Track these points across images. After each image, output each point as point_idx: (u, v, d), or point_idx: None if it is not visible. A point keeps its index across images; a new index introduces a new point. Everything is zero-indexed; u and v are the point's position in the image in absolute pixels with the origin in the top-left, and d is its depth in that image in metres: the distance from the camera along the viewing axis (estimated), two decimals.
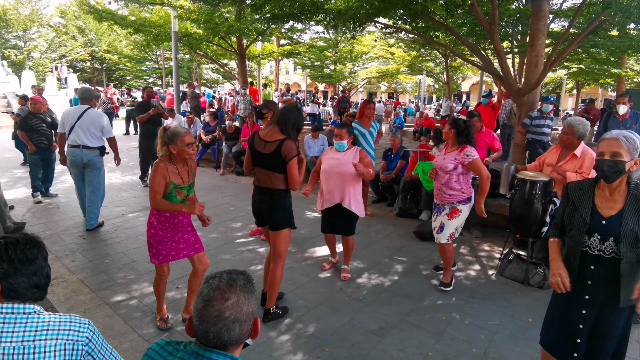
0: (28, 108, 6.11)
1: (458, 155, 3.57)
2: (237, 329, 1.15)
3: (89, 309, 3.33)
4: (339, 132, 3.83)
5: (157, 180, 2.80)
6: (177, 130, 2.82)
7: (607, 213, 1.97)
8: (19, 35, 28.46)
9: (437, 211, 3.79)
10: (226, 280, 1.20)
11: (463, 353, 2.90)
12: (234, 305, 1.15)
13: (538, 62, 6.65)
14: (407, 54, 21.03)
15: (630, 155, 1.90)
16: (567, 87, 29.32)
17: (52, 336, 1.35)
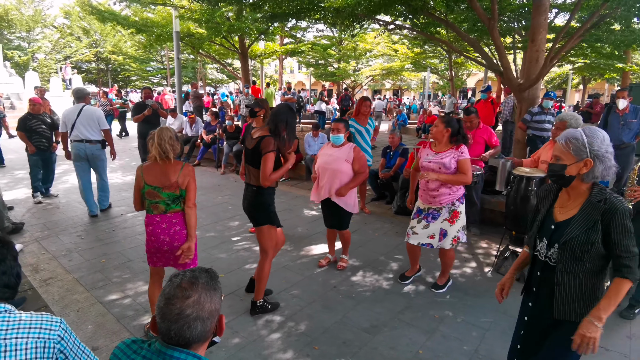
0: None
1: (455, 153, 3.42)
2: (199, 326, 1.14)
3: (82, 307, 3.35)
4: (336, 126, 3.92)
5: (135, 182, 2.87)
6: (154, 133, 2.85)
7: (559, 218, 1.84)
8: (23, 36, 28.67)
9: (428, 217, 3.55)
10: (188, 278, 1.19)
11: (453, 350, 2.88)
12: (195, 303, 1.15)
13: (539, 57, 6.58)
14: (410, 51, 20.93)
15: (574, 157, 1.72)
16: (574, 83, 29.02)
17: (23, 334, 1.35)
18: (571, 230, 1.74)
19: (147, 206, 2.82)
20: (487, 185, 5.35)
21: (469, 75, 30.20)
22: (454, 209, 3.50)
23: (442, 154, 3.45)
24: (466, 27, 9.85)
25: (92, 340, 2.94)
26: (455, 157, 3.40)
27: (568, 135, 1.75)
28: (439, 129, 3.44)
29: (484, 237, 5.07)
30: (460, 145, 3.43)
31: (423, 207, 3.59)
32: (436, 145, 3.53)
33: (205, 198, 6.68)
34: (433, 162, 3.45)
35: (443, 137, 3.44)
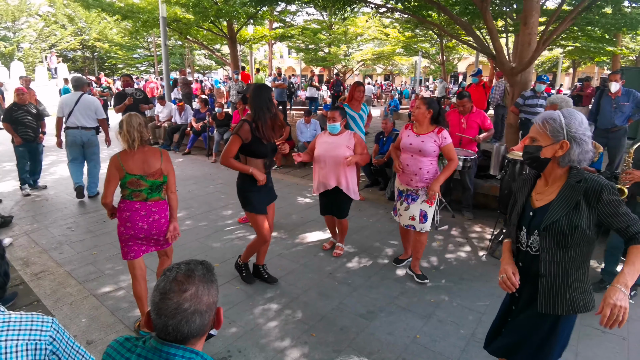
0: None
1: (436, 137, 3.39)
2: (197, 320, 1.11)
3: (75, 301, 3.31)
4: (332, 115, 3.84)
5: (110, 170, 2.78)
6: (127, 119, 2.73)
7: (537, 204, 1.76)
8: (8, 26, 27.89)
9: (407, 199, 3.54)
10: (184, 272, 1.15)
11: (450, 334, 2.89)
12: (192, 297, 1.11)
13: (531, 41, 6.53)
14: (402, 35, 20.73)
15: (551, 138, 1.65)
16: (564, 67, 29.10)
17: (13, 337, 1.29)
18: (551, 215, 1.67)
19: (128, 194, 2.74)
20: (480, 170, 5.35)
21: (460, 60, 30.06)
22: None
23: (422, 137, 3.42)
24: (458, 10, 9.74)
25: (86, 334, 2.90)
26: (437, 141, 3.38)
27: (545, 116, 1.69)
28: (421, 111, 3.41)
29: (478, 221, 5.09)
30: (441, 129, 3.40)
31: (402, 189, 3.61)
32: (417, 127, 3.50)
33: (197, 187, 6.61)
34: (414, 144, 3.43)
35: (425, 119, 3.42)
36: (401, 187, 3.62)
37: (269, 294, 3.41)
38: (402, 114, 15.98)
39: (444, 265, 3.94)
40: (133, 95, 7.02)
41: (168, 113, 10.22)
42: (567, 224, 1.63)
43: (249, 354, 2.70)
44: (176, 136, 9.73)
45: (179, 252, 4.17)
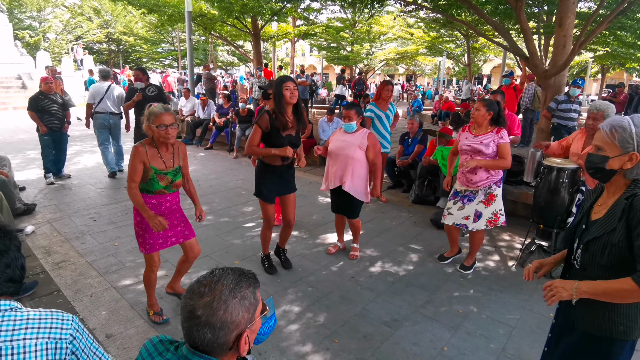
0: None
1: (495, 136, 3.42)
2: (208, 334, 1.00)
3: (95, 292, 3.28)
4: (347, 114, 3.75)
5: (133, 164, 2.57)
6: (153, 109, 2.56)
7: (593, 217, 1.64)
8: (34, 15, 28.54)
9: (463, 199, 3.60)
10: (212, 276, 1.07)
11: (480, 348, 2.75)
12: (206, 306, 1.01)
13: (566, 43, 6.29)
14: (426, 35, 20.42)
15: (619, 148, 1.48)
16: (592, 72, 28.23)
17: (32, 335, 1.23)
18: (594, 231, 1.56)
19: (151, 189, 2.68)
20: (510, 175, 5.15)
21: (486, 62, 29.47)
22: (490, 191, 3.52)
23: (481, 137, 3.45)
24: (489, 9, 9.49)
25: (106, 327, 2.86)
26: (495, 140, 3.39)
27: (613, 123, 1.51)
28: (480, 113, 3.42)
29: (507, 229, 4.89)
30: (500, 129, 3.42)
31: (460, 189, 3.63)
32: (475, 129, 3.52)
33: (218, 182, 6.58)
34: (472, 146, 3.47)
35: (484, 121, 3.44)
36: (459, 188, 3.65)
37: (290, 296, 3.32)
38: (425, 114, 15.73)
39: (473, 274, 3.77)
40: (144, 91, 6.23)
41: (191, 107, 10.25)
42: (605, 241, 1.51)
43: (269, 357, 2.62)
44: (199, 131, 9.75)
45: (201, 247, 4.11)
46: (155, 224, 2.58)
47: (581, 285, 1.49)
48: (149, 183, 2.65)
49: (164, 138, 2.56)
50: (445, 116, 11.89)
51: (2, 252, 1.28)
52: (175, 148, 2.75)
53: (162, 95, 6.52)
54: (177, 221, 2.89)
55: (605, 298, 1.47)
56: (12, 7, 26.63)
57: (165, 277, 3.55)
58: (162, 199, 2.76)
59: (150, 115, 2.54)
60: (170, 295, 3.22)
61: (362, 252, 4.14)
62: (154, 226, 2.58)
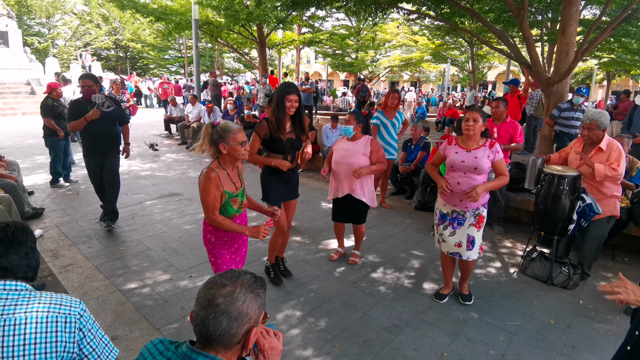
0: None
1: (490, 152, 3.10)
2: (224, 322, 1.09)
3: (101, 295, 3.34)
4: (348, 118, 3.87)
5: (212, 193, 2.38)
6: (228, 126, 2.39)
7: None
8: (42, 22, 28.98)
9: (453, 223, 3.23)
10: (233, 272, 1.19)
11: (479, 354, 2.77)
12: (227, 295, 1.12)
13: (569, 50, 6.32)
14: (431, 42, 20.50)
15: None
16: (597, 78, 28.15)
17: (44, 309, 1.39)
18: None
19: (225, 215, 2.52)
20: (512, 183, 5.17)
21: (490, 69, 29.49)
22: (478, 212, 3.18)
23: (474, 152, 3.10)
24: (492, 17, 9.55)
25: (111, 329, 2.92)
26: (490, 156, 3.10)
27: None
28: (478, 125, 3.07)
29: (508, 235, 4.92)
30: (493, 143, 3.14)
31: (446, 212, 3.26)
32: (465, 142, 3.18)
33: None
34: (467, 162, 3.10)
35: (479, 132, 3.13)
36: (445, 210, 3.27)
37: (292, 301, 3.36)
38: (430, 121, 15.76)
39: (473, 280, 3.79)
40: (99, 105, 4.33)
41: (197, 113, 10.37)
42: None
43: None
44: None
45: (205, 252, 4.16)
46: (256, 232, 2.44)
47: None
48: (223, 209, 2.48)
49: (242, 155, 2.43)
50: (450, 122, 11.92)
51: (21, 242, 1.48)
52: (240, 167, 2.63)
53: (120, 111, 4.72)
54: (244, 243, 2.79)
55: None
56: (22, 13, 27.10)
57: (170, 281, 3.61)
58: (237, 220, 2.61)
59: (225, 132, 2.37)
60: None
61: (364, 258, 4.18)
62: (261, 234, 2.43)
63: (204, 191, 2.40)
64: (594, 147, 3.57)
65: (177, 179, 7.10)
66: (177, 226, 4.88)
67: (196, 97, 10.96)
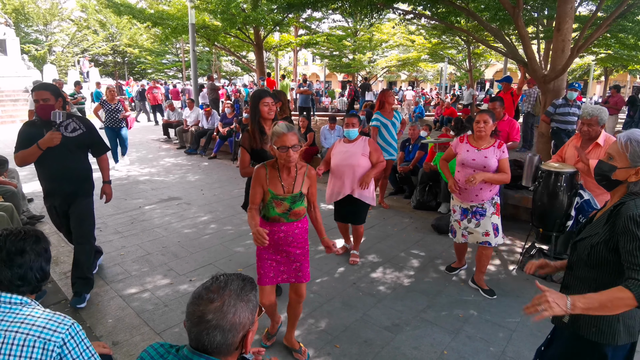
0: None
1: (497, 151, 3.33)
2: (218, 336, 1.08)
3: (102, 301, 3.35)
4: (349, 121, 3.89)
5: (254, 186, 2.39)
6: (276, 128, 2.30)
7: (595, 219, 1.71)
8: (40, 29, 29.00)
9: (475, 215, 3.43)
10: (219, 282, 1.14)
11: (480, 352, 2.78)
12: (217, 310, 1.08)
13: (565, 47, 6.34)
14: (428, 42, 20.54)
15: (629, 161, 1.53)
16: (595, 74, 28.17)
17: (25, 330, 1.33)
18: (583, 232, 1.65)
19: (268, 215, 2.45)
20: (511, 180, 5.18)
21: (488, 67, 29.53)
22: (495, 201, 3.45)
23: (485, 152, 3.34)
24: (487, 16, 9.56)
25: (112, 335, 2.93)
26: (497, 155, 3.33)
27: (631, 136, 1.55)
28: (489, 125, 3.30)
29: (507, 233, 4.91)
30: (501, 143, 3.37)
31: (466, 207, 3.47)
32: (476, 141, 3.39)
33: (222, 191, 6.66)
34: (477, 160, 3.33)
35: (490, 132, 3.37)
36: (464, 205, 3.47)
37: None
38: (427, 120, 15.79)
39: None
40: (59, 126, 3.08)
41: (195, 117, 10.39)
42: (589, 243, 1.59)
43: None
44: (203, 140, 9.87)
45: (205, 256, 4.20)
46: (254, 234, 2.28)
47: (576, 301, 1.44)
48: (266, 208, 2.44)
49: (285, 161, 2.30)
50: (448, 122, 11.94)
51: (15, 253, 1.42)
52: (301, 173, 2.45)
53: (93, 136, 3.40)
54: (295, 258, 2.55)
55: (603, 311, 1.44)
56: (19, 21, 27.07)
57: (170, 285, 3.62)
58: (275, 227, 2.45)
59: (273, 135, 2.30)
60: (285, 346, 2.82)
61: (364, 258, 4.19)
62: (254, 238, 2.29)
63: (251, 183, 2.43)
64: (591, 143, 3.58)
65: (176, 183, 7.11)
66: (176, 230, 4.89)
67: (194, 101, 10.98)
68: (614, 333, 1.57)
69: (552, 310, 1.43)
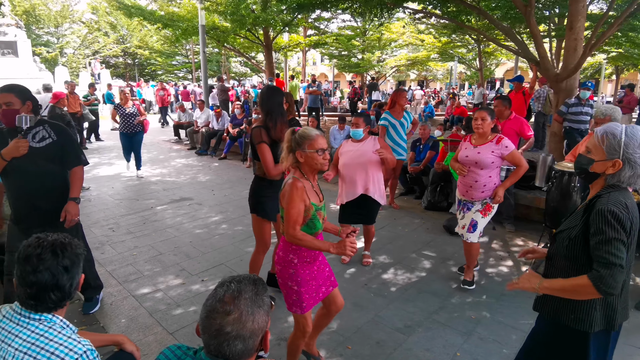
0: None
1: (495, 147, 3.29)
2: (239, 345, 1.07)
3: (115, 301, 3.39)
4: (355, 121, 3.87)
5: (297, 205, 2.10)
6: (306, 132, 2.17)
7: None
8: (51, 31, 29.42)
9: (464, 208, 3.51)
10: (232, 291, 1.10)
11: (493, 354, 2.76)
12: (235, 321, 1.06)
13: (577, 46, 6.26)
14: (437, 41, 20.43)
15: (605, 154, 1.57)
16: (606, 73, 27.79)
17: (33, 353, 1.29)
18: (565, 223, 1.72)
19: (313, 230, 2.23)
20: (523, 181, 5.12)
21: (498, 65, 29.29)
22: (486, 202, 3.40)
23: (479, 148, 3.34)
24: (499, 14, 9.49)
25: (125, 334, 2.92)
26: (496, 152, 3.28)
27: (607, 130, 1.60)
28: (487, 122, 3.29)
29: (520, 234, 4.88)
30: (501, 138, 3.32)
31: (460, 198, 3.55)
32: (476, 139, 3.41)
33: (232, 191, 6.69)
34: (470, 157, 3.36)
35: (489, 130, 3.35)
36: (459, 197, 3.56)
37: None
38: (437, 120, 15.69)
39: (485, 280, 3.78)
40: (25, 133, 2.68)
41: (206, 118, 10.45)
42: (567, 236, 1.67)
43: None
44: (213, 141, 9.93)
45: (216, 256, 4.23)
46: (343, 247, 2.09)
47: (543, 282, 1.66)
48: (311, 224, 2.20)
49: (321, 165, 2.18)
50: (458, 121, 11.86)
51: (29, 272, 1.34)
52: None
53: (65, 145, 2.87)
54: (324, 263, 2.43)
55: (563, 294, 1.63)
56: (30, 23, 27.49)
57: (182, 285, 3.64)
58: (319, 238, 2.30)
59: (302, 139, 2.15)
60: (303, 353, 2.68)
61: (375, 259, 4.18)
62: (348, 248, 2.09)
63: (290, 202, 2.09)
64: None
65: (187, 184, 7.17)
66: (188, 231, 4.93)
67: (204, 102, 11.06)
68: (591, 320, 1.65)
69: (522, 284, 1.73)
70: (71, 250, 1.43)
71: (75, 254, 1.45)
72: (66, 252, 1.41)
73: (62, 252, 1.40)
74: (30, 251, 1.37)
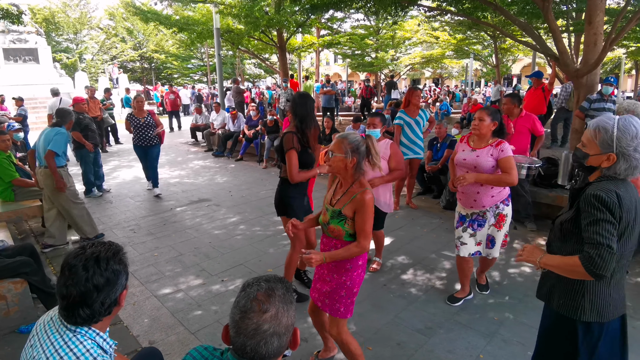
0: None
1: (494, 150, 3.00)
2: (275, 342, 1.08)
3: (138, 301, 3.45)
4: (372, 121, 3.73)
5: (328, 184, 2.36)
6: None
7: None
8: (70, 38, 30.15)
9: (473, 224, 3.15)
10: (264, 290, 1.12)
11: (517, 356, 2.71)
12: (272, 318, 1.08)
13: (597, 41, 6.11)
14: (452, 38, 20.19)
15: (599, 148, 1.59)
16: (626, 68, 27.06)
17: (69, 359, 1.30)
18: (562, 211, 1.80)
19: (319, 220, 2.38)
20: (545, 179, 5.03)
21: (515, 62, 28.79)
22: (499, 212, 3.10)
23: (478, 151, 3.05)
24: (515, 10, 9.33)
25: (148, 334, 3.00)
26: (494, 155, 2.99)
27: (600, 124, 1.61)
28: (485, 123, 3.00)
29: (542, 233, 4.78)
30: (500, 142, 3.02)
31: (465, 213, 3.19)
32: (475, 141, 3.13)
33: (249, 192, 6.74)
34: (468, 160, 3.08)
35: (489, 132, 3.04)
36: (464, 212, 3.20)
37: None
38: (454, 117, 15.52)
39: (507, 280, 3.72)
40: None
41: (222, 120, 10.56)
42: (560, 220, 1.74)
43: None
44: (229, 143, 10.02)
45: (235, 256, 4.27)
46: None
47: (544, 257, 1.72)
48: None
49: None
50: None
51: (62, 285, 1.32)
52: (351, 192, 2.14)
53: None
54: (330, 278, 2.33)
55: (557, 270, 1.68)
56: (50, 30, 28.23)
57: (202, 285, 3.68)
58: (322, 238, 2.37)
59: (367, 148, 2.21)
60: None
61: (394, 260, 4.14)
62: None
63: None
64: None
65: (205, 185, 7.25)
66: (207, 231, 4.98)
67: (220, 105, 11.16)
68: (577, 307, 1.70)
69: (526, 256, 1.79)
70: (109, 266, 1.34)
71: (114, 270, 1.35)
72: (101, 268, 1.32)
73: (96, 267, 1.31)
74: (67, 260, 1.34)
